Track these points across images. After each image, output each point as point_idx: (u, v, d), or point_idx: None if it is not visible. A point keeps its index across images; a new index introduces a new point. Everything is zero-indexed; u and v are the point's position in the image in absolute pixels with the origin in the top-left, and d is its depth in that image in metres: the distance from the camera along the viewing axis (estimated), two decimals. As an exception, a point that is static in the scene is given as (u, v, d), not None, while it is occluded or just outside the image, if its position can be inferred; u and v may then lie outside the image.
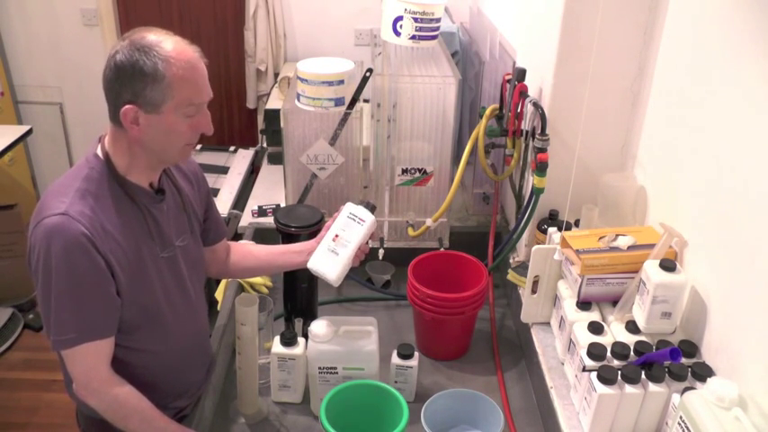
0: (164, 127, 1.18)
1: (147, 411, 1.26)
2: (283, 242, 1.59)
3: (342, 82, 1.78)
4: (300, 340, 1.47)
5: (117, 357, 1.26)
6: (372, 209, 1.41)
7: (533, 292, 1.52)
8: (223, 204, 2.36)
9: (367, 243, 1.42)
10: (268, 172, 2.53)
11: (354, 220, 1.39)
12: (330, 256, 1.37)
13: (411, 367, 1.48)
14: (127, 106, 1.15)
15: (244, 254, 1.58)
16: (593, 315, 1.37)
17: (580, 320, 1.34)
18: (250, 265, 1.57)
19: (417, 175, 1.86)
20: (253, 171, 2.71)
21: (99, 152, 1.23)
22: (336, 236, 1.38)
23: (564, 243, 1.39)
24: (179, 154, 1.26)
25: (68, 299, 1.16)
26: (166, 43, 1.15)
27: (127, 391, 1.24)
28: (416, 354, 1.48)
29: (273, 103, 2.72)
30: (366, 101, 1.89)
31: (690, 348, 1.21)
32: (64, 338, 1.18)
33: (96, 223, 1.16)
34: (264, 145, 2.67)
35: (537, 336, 1.54)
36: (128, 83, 1.14)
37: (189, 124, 1.20)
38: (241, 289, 1.79)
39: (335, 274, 1.36)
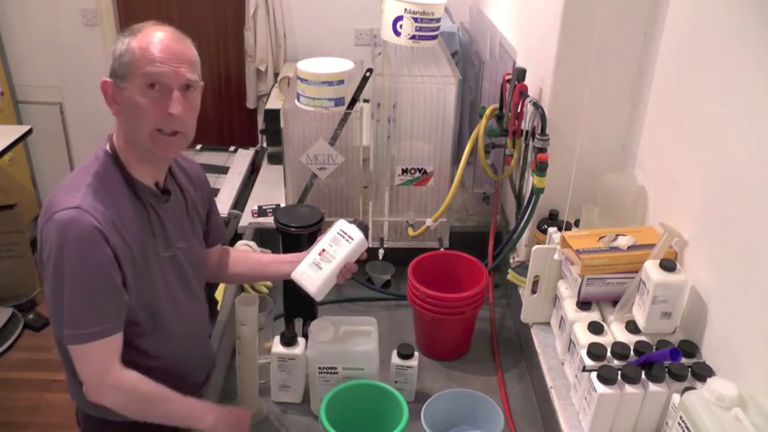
0: (129, 102, 1.19)
1: (165, 393, 1.26)
2: (283, 242, 1.59)
3: (342, 82, 1.78)
4: (300, 340, 1.47)
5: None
6: (364, 230, 1.40)
7: (533, 292, 1.52)
8: (223, 204, 2.36)
9: (356, 262, 1.41)
10: (268, 172, 2.53)
11: (343, 237, 1.39)
12: (313, 270, 1.37)
13: (411, 367, 1.48)
14: (103, 79, 1.20)
15: (237, 260, 1.57)
16: (593, 315, 1.37)
17: (580, 320, 1.34)
18: (241, 271, 1.57)
19: (417, 175, 1.86)
20: (253, 171, 2.71)
21: (108, 148, 1.24)
22: (323, 250, 1.38)
23: (564, 243, 1.39)
24: (153, 141, 1.21)
25: (83, 293, 1.16)
26: (149, 25, 1.20)
27: (140, 378, 1.24)
28: (416, 354, 1.48)
29: (273, 103, 2.72)
30: (366, 101, 1.89)
31: (690, 348, 1.21)
32: (80, 333, 1.17)
33: (108, 218, 1.17)
34: (264, 145, 2.67)
35: (537, 336, 1.54)
36: (112, 62, 1.20)
37: (153, 103, 1.18)
38: (241, 289, 1.80)
39: (315, 287, 1.36)
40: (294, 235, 1.56)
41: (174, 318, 1.33)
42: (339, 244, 1.38)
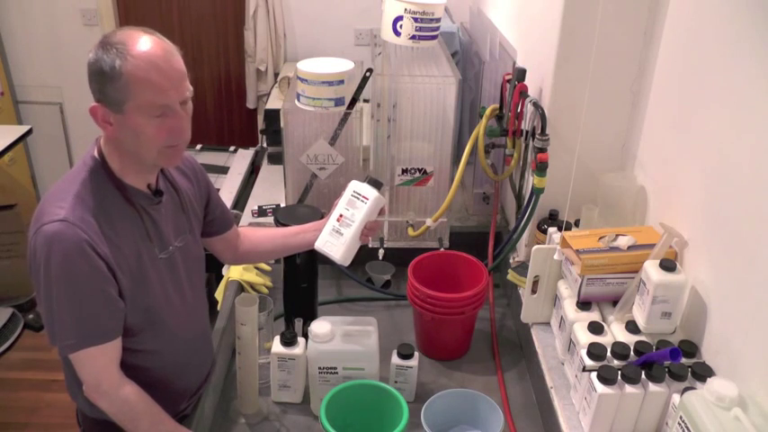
0: (131, 127, 1.15)
1: (156, 414, 1.26)
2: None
3: (342, 82, 1.78)
4: (300, 340, 1.47)
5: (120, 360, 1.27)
6: (377, 185, 1.39)
7: (533, 292, 1.52)
8: (223, 204, 2.36)
9: (377, 219, 1.40)
10: (268, 172, 2.53)
11: (358, 198, 1.37)
12: (335, 237, 1.37)
13: (411, 367, 1.48)
14: (93, 104, 1.15)
15: (259, 239, 1.57)
16: (593, 315, 1.37)
17: (580, 320, 1.34)
18: (268, 248, 1.57)
19: (417, 175, 1.86)
20: (253, 171, 2.71)
21: (96, 154, 1.22)
22: (341, 216, 1.38)
23: (564, 243, 1.39)
24: (160, 157, 1.20)
25: (69, 304, 1.16)
26: (132, 41, 1.11)
27: (137, 392, 1.24)
28: (416, 354, 1.48)
29: (273, 103, 2.72)
30: (366, 101, 1.89)
31: (690, 348, 1.21)
32: (68, 343, 1.18)
33: (96, 228, 1.16)
34: (264, 145, 2.67)
35: (537, 336, 1.54)
36: (93, 81, 1.14)
37: (158, 126, 1.16)
38: (241, 289, 1.80)
39: (340, 254, 1.36)
40: (294, 235, 1.56)
41: (172, 319, 1.32)
42: (355, 206, 1.37)
